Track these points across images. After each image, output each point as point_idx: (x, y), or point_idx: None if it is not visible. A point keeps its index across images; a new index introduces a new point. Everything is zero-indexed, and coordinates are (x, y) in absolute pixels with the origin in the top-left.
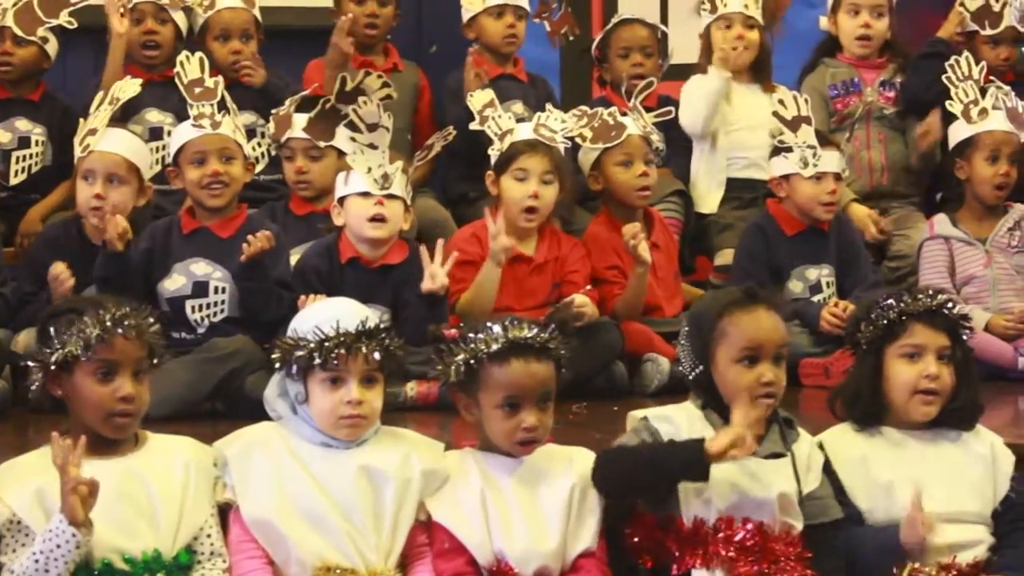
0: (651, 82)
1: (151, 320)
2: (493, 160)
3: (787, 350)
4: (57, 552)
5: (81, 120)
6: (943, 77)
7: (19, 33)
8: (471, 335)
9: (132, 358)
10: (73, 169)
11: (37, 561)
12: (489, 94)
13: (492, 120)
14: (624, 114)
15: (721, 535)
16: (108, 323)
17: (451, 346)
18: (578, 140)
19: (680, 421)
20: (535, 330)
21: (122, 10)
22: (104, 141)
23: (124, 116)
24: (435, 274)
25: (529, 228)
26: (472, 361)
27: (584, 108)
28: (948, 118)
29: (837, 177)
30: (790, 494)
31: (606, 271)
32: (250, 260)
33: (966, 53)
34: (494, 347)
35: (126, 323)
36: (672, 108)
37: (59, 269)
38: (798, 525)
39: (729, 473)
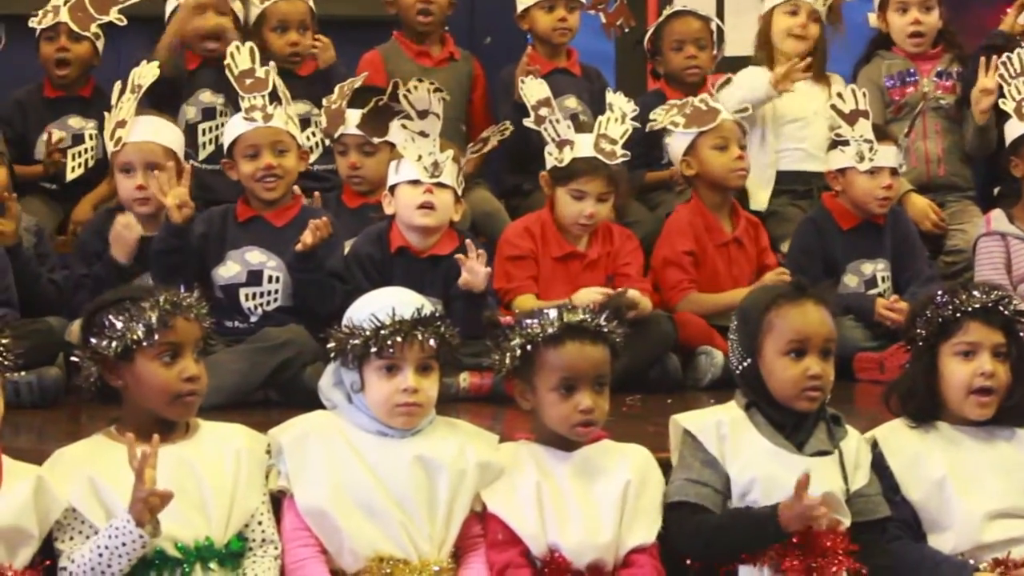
0: (729, 79)
1: (202, 303)
2: (548, 163)
3: (835, 345)
4: (122, 550)
5: (106, 114)
6: (996, 75)
7: (75, 28)
8: (526, 320)
9: (193, 339)
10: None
11: (101, 556)
12: (543, 87)
13: (549, 123)
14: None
15: None
16: (168, 306)
17: (507, 332)
18: (670, 127)
19: (724, 428)
20: (589, 314)
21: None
22: (136, 131)
23: (181, 96)
24: (474, 269)
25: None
26: (528, 346)
27: (672, 102)
28: (1002, 116)
29: (893, 172)
30: (836, 493)
31: (682, 255)
32: (306, 250)
33: (1018, 50)
34: (549, 331)
35: (184, 304)
36: (750, 107)
37: (128, 218)
38: (845, 521)
39: (775, 473)
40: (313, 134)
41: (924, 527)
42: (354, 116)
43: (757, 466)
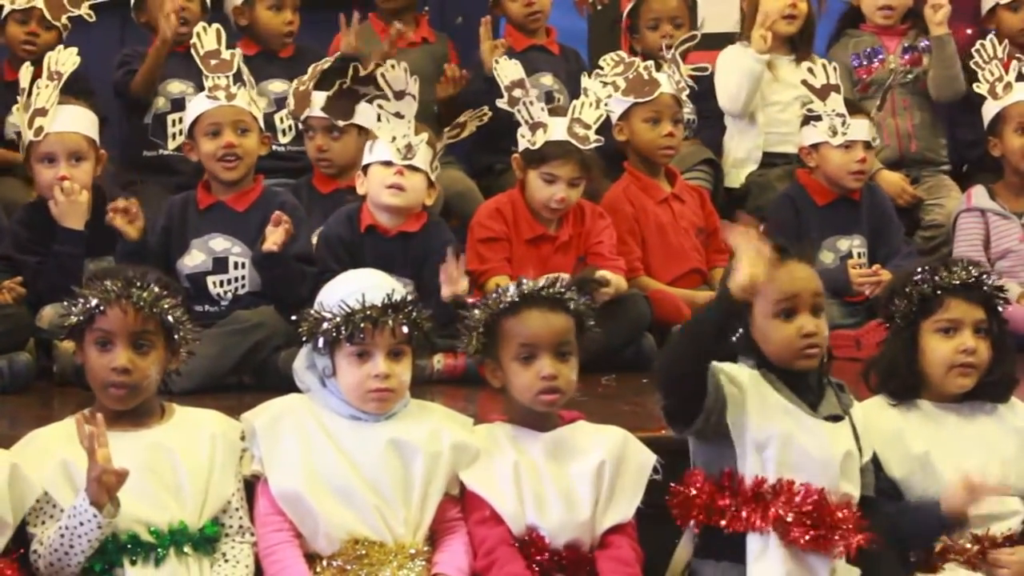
0: (694, 35)
1: (161, 293)
2: (520, 145)
3: (823, 300)
4: (80, 530)
5: (19, 98)
6: (971, 63)
7: (48, 16)
8: (487, 296)
9: (129, 330)
10: (23, 148)
11: (63, 536)
12: (517, 68)
13: (523, 105)
14: (659, 69)
15: (782, 498)
16: (107, 294)
17: (473, 311)
18: (610, 88)
19: (744, 382)
20: (548, 283)
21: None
22: (59, 121)
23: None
24: (453, 278)
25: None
26: (490, 320)
27: (622, 55)
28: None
29: (867, 146)
30: (853, 455)
31: (624, 235)
32: (274, 251)
33: (990, 36)
34: (508, 301)
35: (125, 294)
36: (708, 66)
37: (66, 185)
38: (856, 493)
39: (791, 431)
40: (287, 116)
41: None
42: (320, 99)
43: (775, 423)
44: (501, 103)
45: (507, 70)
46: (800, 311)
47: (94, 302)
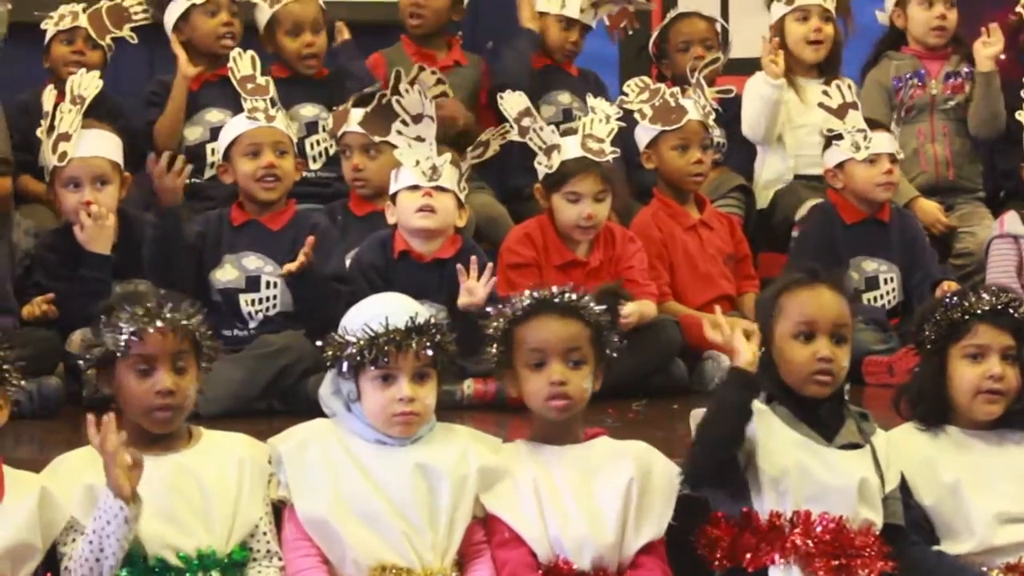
0: (717, 58)
1: (191, 311)
2: (540, 173)
3: (849, 331)
4: (108, 529)
5: (42, 122)
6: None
7: (93, 35)
8: (503, 306)
9: (169, 352)
10: (48, 175)
11: (91, 543)
12: (522, 99)
13: (533, 132)
14: (684, 94)
15: (799, 529)
16: (142, 318)
17: (491, 320)
18: (637, 116)
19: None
20: (562, 291)
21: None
22: (83, 146)
23: (186, 116)
24: (472, 289)
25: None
26: (507, 329)
27: (647, 81)
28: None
29: (892, 159)
30: (871, 483)
31: (655, 260)
32: (299, 271)
33: None
34: (521, 309)
35: (161, 316)
36: (733, 88)
37: (93, 209)
38: (878, 521)
39: (806, 463)
40: (318, 142)
41: (937, 532)
42: (357, 115)
43: (787, 456)
44: (513, 136)
45: (512, 103)
46: (819, 336)
47: (130, 330)
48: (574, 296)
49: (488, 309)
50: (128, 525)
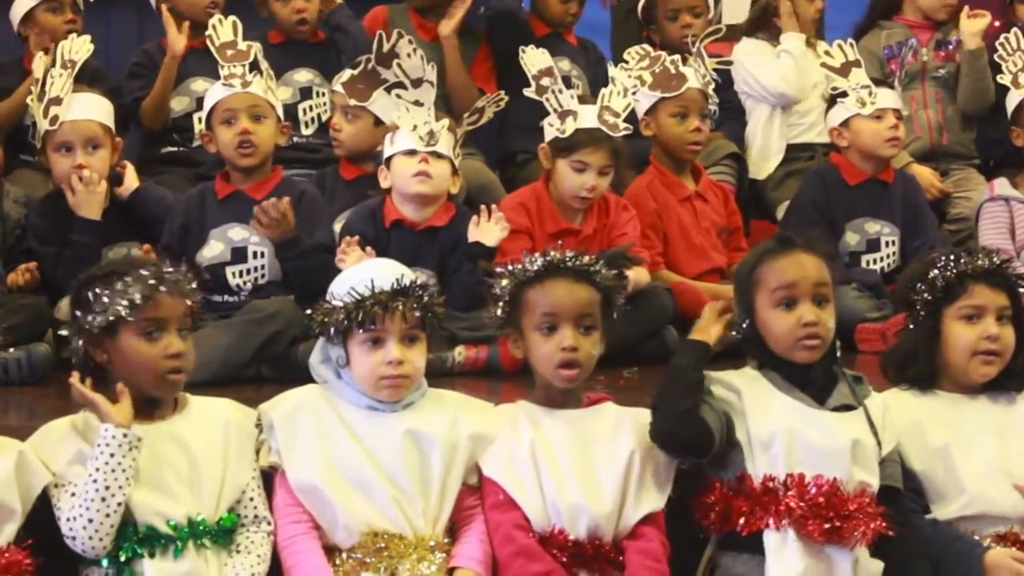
0: (720, 28)
1: (191, 276)
2: (548, 135)
3: (829, 291)
4: (114, 462)
5: (32, 88)
6: (995, 56)
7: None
8: (513, 264)
9: (177, 314)
10: (39, 139)
11: (95, 481)
12: (545, 56)
13: (552, 93)
14: (685, 62)
15: (792, 492)
16: (152, 281)
17: (498, 279)
18: (636, 83)
19: (741, 386)
20: (574, 255)
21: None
22: (74, 109)
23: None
24: (483, 227)
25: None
26: (515, 289)
27: (648, 48)
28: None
29: (898, 115)
30: (865, 444)
31: (645, 229)
32: (282, 237)
33: (1015, 29)
34: (533, 270)
35: (168, 280)
36: (732, 59)
37: (84, 174)
38: (874, 483)
39: (797, 426)
40: (311, 107)
41: (928, 496)
42: (344, 74)
43: (777, 420)
44: (529, 92)
45: (534, 59)
46: (801, 301)
47: (139, 291)
48: (584, 259)
49: (498, 268)
50: (134, 452)
